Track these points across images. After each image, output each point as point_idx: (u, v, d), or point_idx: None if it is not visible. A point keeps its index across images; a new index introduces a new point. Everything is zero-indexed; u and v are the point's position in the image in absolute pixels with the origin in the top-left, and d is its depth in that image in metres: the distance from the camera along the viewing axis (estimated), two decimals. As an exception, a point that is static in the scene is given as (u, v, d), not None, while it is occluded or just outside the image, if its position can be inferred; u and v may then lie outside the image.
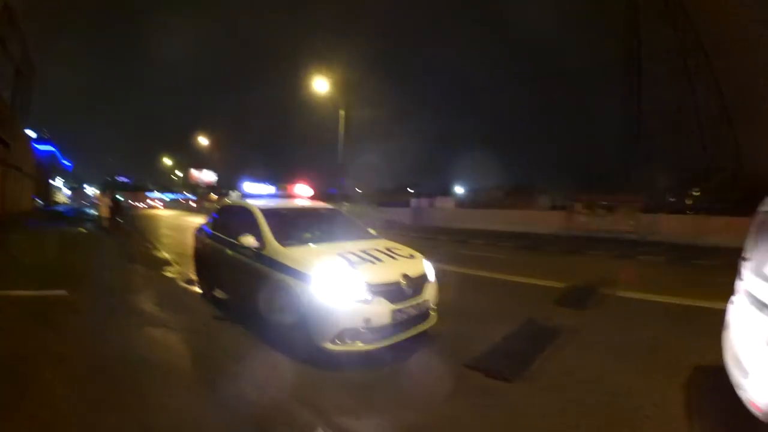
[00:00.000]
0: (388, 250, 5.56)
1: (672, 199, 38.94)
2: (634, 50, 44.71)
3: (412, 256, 5.57)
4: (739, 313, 3.82)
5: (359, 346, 4.47)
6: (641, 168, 42.06)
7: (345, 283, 4.56)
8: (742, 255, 3.99)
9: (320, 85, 26.31)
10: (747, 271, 3.81)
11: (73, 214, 35.96)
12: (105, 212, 22.54)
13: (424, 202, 41.09)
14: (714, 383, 4.12)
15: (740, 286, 3.93)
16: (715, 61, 38.48)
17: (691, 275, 11.59)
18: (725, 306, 4.19)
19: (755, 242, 3.82)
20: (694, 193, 41.61)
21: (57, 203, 61.42)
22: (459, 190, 58.46)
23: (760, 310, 3.18)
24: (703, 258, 13.64)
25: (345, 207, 27.71)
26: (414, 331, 4.96)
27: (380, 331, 4.57)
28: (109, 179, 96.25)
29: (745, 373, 3.12)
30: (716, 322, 4.35)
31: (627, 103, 45.45)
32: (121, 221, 22.58)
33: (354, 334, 4.45)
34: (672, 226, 20.21)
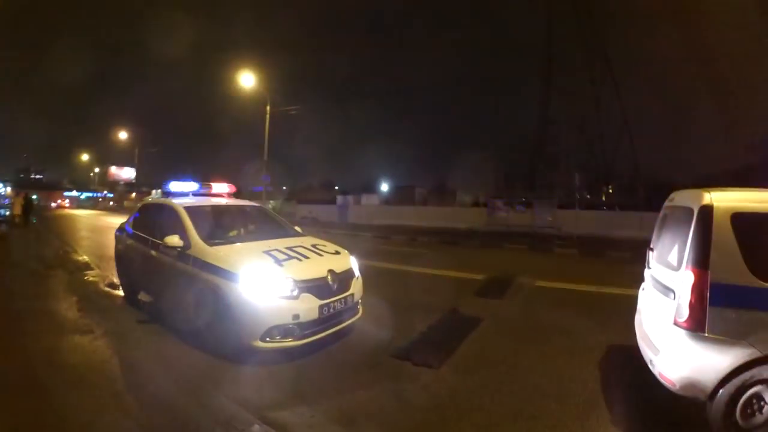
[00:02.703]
0: (314, 246, 5.66)
1: (588, 196, 41.26)
2: (546, 66, 47.71)
3: (337, 252, 5.70)
4: (647, 297, 4.27)
5: (289, 342, 4.55)
6: (549, 169, 44.87)
7: (272, 281, 4.62)
8: (649, 245, 4.44)
9: (246, 80, 25.80)
10: (653, 259, 4.26)
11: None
12: (18, 211, 21.84)
13: (349, 199, 41.14)
14: (624, 361, 4.59)
15: (648, 273, 4.38)
16: (619, 76, 42.17)
17: (602, 266, 12.39)
18: (633, 292, 4.67)
19: (659, 234, 4.28)
20: (609, 191, 44.53)
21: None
22: (384, 187, 58.92)
23: (665, 294, 3.61)
24: (614, 250, 14.50)
25: (270, 204, 27.39)
26: (342, 325, 5.11)
27: (309, 327, 4.67)
28: (23, 176, 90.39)
29: (656, 351, 3.53)
30: (625, 306, 4.79)
31: (538, 112, 48.56)
32: (35, 221, 21.55)
33: (283, 330, 4.53)
34: (587, 221, 21.27)
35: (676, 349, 3.22)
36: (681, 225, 3.56)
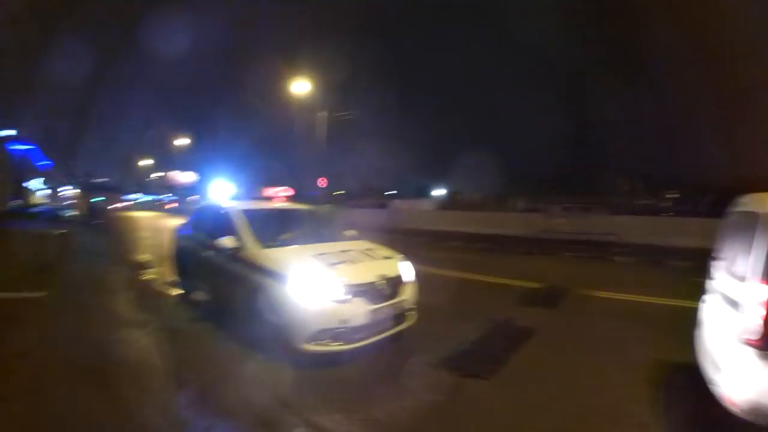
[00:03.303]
0: (367, 250, 5.62)
1: (648, 201, 39.68)
2: (599, 64, 46.08)
3: (389, 257, 5.63)
4: (711, 311, 3.98)
5: (337, 346, 4.53)
6: (608, 173, 43.17)
7: (322, 284, 4.60)
8: (713, 255, 4.15)
9: (301, 86, 26.17)
10: (718, 270, 3.97)
11: (51, 215, 35.40)
12: (83, 211, 23.23)
13: (403, 204, 41.01)
14: (682, 380, 4.30)
15: (712, 285, 4.09)
16: (676, 73, 40.07)
17: (663, 275, 11.79)
18: (695, 305, 4.35)
19: (726, 242, 3.99)
20: (671, 195, 42.55)
21: (35, 204, 60.38)
22: (437, 192, 58.58)
23: (731, 307, 3.33)
24: (676, 259, 13.85)
25: (324, 208, 27.65)
26: (391, 331, 5.03)
27: (358, 332, 4.62)
28: (87, 180, 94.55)
29: (718, 369, 3.27)
30: (686, 320, 4.50)
31: (595, 113, 46.80)
32: (100, 221, 22.62)
33: (332, 334, 4.50)
34: (647, 228, 20.44)
35: (742, 369, 2.95)
36: (749, 232, 3.29)
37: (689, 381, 4.00)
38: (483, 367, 4.63)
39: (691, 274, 7.74)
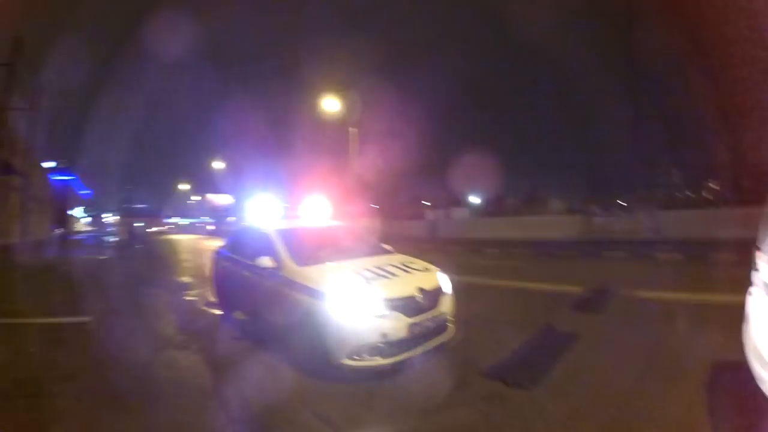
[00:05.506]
0: (403, 264, 5.60)
1: (691, 195, 38.44)
2: (629, 53, 44.60)
3: (426, 269, 5.59)
4: (757, 304, 3.78)
5: (377, 360, 4.49)
6: (645, 168, 41.76)
7: (361, 300, 4.59)
8: (757, 245, 3.96)
9: (330, 104, 26.42)
10: (763, 261, 3.78)
11: (93, 242, 36.47)
12: (123, 236, 24.19)
13: (439, 214, 40.88)
14: (730, 379, 4.09)
15: (757, 277, 3.90)
16: (709, 60, 38.36)
17: (709, 271, 11.40)
18: (743, 300, 4.15)
19: None
20: (713, 186, 40.94)
21: (76, 232, 62.32)
22: (473, 200, 58.06)
23: None
24: (722, 252, 13.41)
25: (361, 223, 27.76)
26: (432, 344, 4.96)
27: (398, 345, 4.57)
28: (127, 206, 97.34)
29: (767, 365, 3.10)
30: (735, 316, 4.29)
31: (626, 106, 45.13)
32: (140, 246, 23.28)
33: (372, 349, 4.47)
34: (690, 222, 19.90)
35: None
36: None
37: (737, 380, 3.82)
38: (526, 376, 4.51)
39: (736, 267, 7.44)
